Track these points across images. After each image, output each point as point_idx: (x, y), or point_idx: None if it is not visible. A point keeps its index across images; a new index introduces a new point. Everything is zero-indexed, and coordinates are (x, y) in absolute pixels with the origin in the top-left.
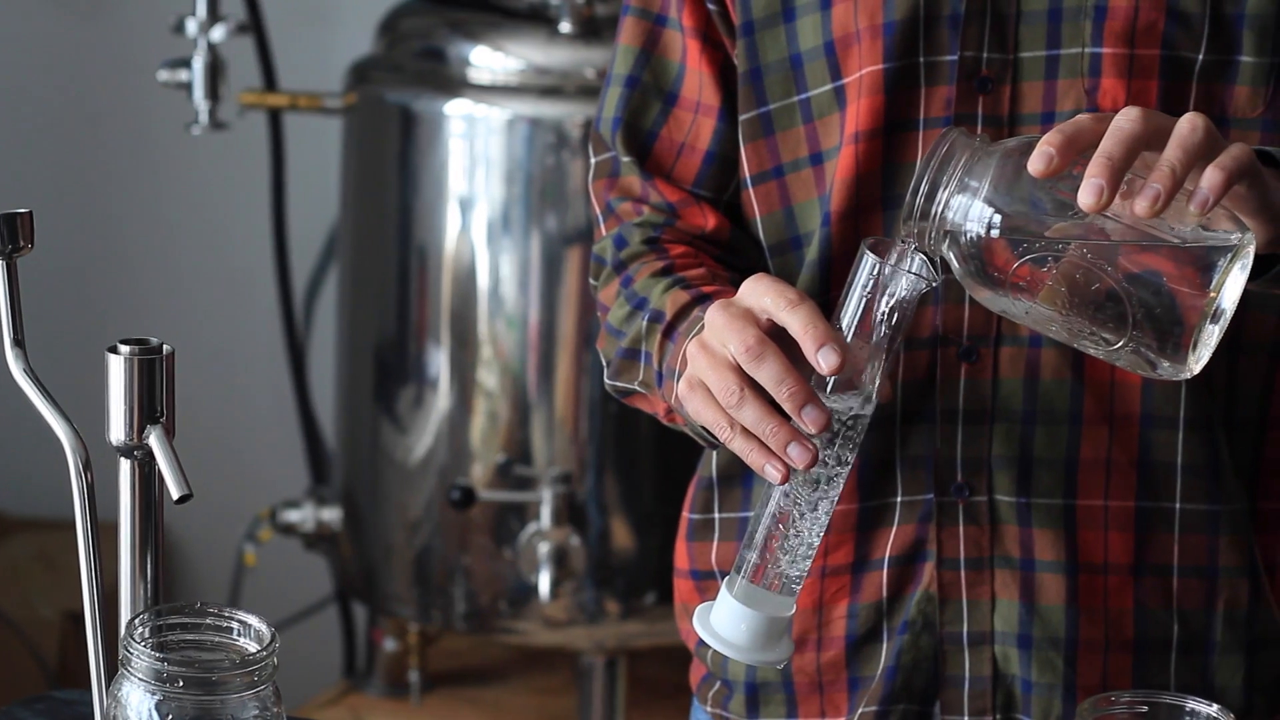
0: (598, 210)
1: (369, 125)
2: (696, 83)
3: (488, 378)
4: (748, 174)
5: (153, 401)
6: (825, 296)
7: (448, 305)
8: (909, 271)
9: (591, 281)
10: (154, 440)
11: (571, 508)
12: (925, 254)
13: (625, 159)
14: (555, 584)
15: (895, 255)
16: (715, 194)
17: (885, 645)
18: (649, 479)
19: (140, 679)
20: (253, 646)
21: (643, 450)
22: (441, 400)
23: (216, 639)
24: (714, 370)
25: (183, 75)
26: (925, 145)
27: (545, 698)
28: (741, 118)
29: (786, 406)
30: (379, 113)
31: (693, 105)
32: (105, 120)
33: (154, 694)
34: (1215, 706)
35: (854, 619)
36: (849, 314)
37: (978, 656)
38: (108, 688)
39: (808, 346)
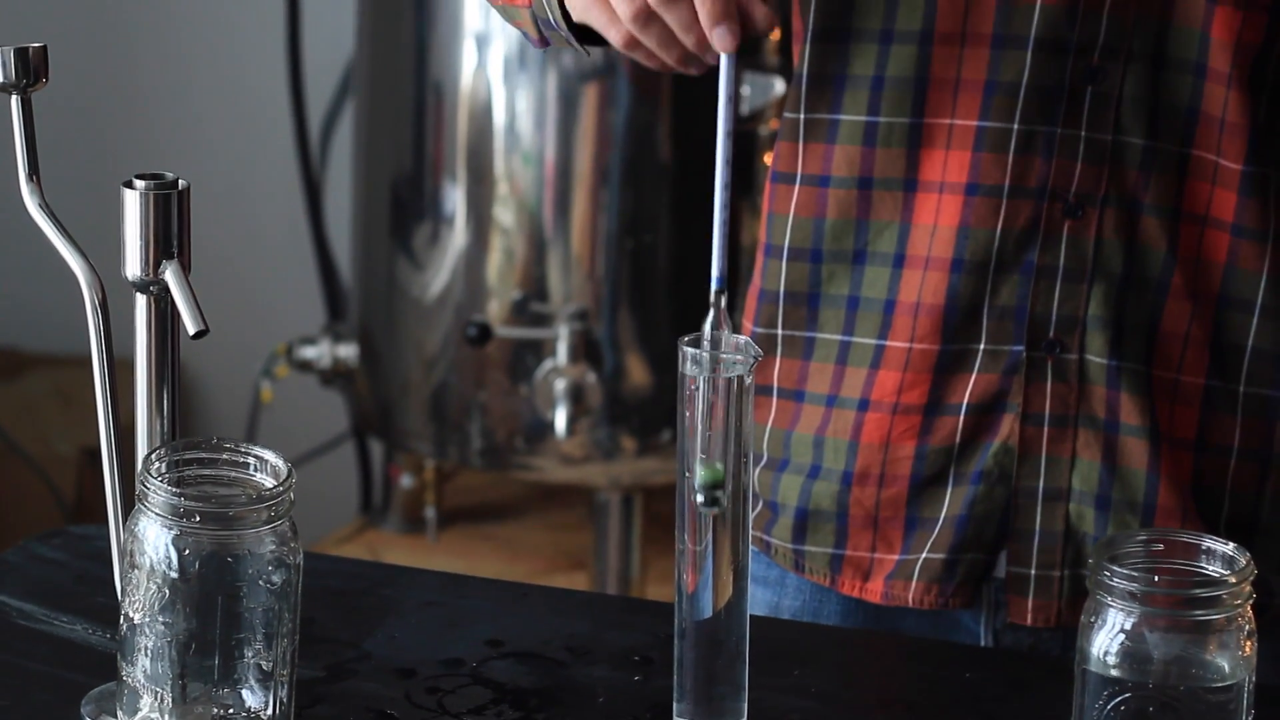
0: None
1: None
2: None
3: (504, 214)
4: None
5: (168, 236)
6: None
7: (464, 142)
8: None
9: None
10: (170, 275)
11: (588, 344)
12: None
13: None
14: (571, 420)
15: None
16: None
17: (950, 490)
18: (665, 315)
19: (157, 514)
20: (269, 482)
21: (658, 287)
22: (458, 237)
23: (233, 474)
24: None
25: None
26: None
27: (561, 534)
28: None
29: (705, 23)
30: None
31: None
32: None
33: (171, 529)
34: (1232, 545)
35: (921, 460)
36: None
37: (1051, 512)
38: (124, 523)
39: (706, 24)
